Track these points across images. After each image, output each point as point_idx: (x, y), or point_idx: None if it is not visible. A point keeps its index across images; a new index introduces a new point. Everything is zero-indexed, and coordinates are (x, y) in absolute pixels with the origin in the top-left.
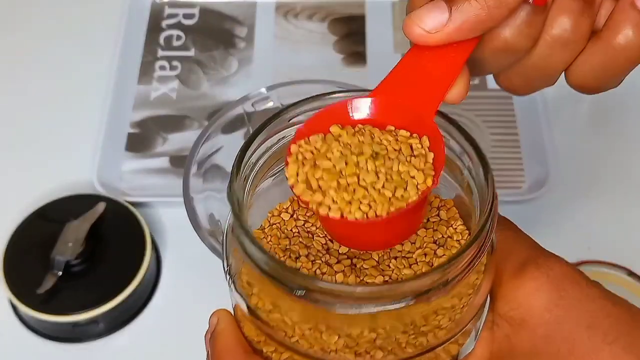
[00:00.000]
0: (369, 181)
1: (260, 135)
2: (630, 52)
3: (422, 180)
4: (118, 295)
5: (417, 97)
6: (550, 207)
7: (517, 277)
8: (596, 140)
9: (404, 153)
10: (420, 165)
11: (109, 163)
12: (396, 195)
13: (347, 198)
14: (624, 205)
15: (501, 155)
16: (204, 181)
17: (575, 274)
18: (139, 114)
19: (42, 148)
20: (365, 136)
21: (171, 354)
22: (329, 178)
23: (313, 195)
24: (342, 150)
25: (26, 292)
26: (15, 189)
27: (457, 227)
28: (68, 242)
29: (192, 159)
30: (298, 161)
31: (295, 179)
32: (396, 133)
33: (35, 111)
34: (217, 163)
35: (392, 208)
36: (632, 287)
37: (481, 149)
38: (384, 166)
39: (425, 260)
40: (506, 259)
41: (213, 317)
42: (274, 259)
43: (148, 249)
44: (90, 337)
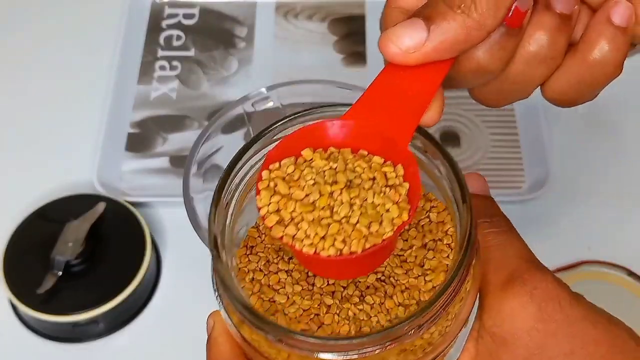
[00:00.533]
0: (343, 214)
1: (238, 166)
2: (606, 66)
3: (397, 214)
4: (118, 295)
5: (392, 122)
6: (550, 207)
7: (503, 290)
8: (596, 140)
9: (378, 183)
10: (395, 198)
11: (109, 163)
12: (371, 231)
13: (320, 233)
14: (623, 205)
15: (501, 155)
16: (204, 181)
17: (559, 292)
18: (139, 114)
19: (42, 148)
20: (339, 162)
21: (171, 354)
22: (302, 210)
23: (286, 229)
24: (315, 178)
25: (26, 292)
26: (15, 188)
27: (447, 230)
28: (68, 242)
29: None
30: (270, 189)
31: (267, 210)
32: (370, 159)
33: (35, 111)
34: (217, 163)
35: (367, 244)
36: (632, 287)
37: (461, 175)
38: (358, 197)
39: (410, 280)
40: (496, 268)
41: (210, 320)
42: (252, 312)
43: (148, 249)
44: (90, 337)
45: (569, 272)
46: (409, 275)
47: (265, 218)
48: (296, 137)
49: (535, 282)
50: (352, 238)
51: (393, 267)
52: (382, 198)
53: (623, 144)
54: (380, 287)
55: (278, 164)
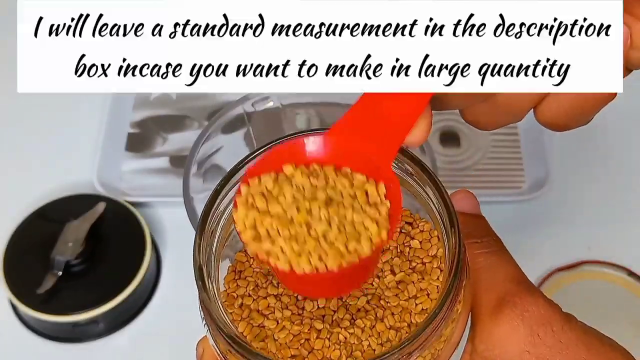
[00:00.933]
0: (320, 231)
1: (223, 193)
2: (598, 92)
3: (376, 233)
4: (118, 295)
5: (375, 140)
6: (550, 207)
7: (494, 313)
8: (596, 140)
9: (359, 200)
10: (375, 216)
11: (109, 163)
12: (349, 249)
13: (296, 249)
14: (623, 205)
15: (501, 155)
16: (204, 181)
17: (550, 315)
18: (139, 114)
19: (42, 148)
20: (320, 179)
21: (171, 353)
22: (278, 225)
23: (261, 244)
24: (295, 194)
25: (26, 292)
26: (15, 189)
27: (435, 253)
28: (68, 242)
29: (193, 159)
30: (247, 204)
31: (243, 225)
32: (352, 177)
33: (35, 111)
34: (217, 163)
35: (343, 262)
36: (632, 287)
37: (448, 200)
38: (337, 214)
39: (403, 308)
40: (487, 290)
41: (199, 348)
42: (238, 343)
43: (148, 249)
44: (90, 337)
45: (569, 272)
46: (399, 298)
47: (241, 233)
48: (277, 152)
49: (526, 305)
50: (329, 255)
51: (383, 289)
52: (361, 216)
53: (623, 144)
54: (370, 309)
55: (257, 179)
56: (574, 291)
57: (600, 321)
